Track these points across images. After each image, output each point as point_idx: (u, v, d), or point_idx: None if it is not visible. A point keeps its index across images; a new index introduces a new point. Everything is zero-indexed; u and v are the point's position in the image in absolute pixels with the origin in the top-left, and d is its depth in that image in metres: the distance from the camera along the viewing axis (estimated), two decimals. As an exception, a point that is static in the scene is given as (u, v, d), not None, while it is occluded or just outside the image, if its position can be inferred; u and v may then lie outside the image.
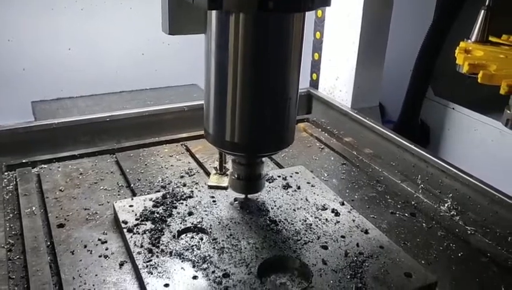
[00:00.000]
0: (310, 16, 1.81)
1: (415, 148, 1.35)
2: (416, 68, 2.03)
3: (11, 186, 1.20)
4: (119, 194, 1.19)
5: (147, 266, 0.89)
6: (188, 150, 1.43)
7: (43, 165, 1.29)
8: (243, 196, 1.09)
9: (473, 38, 1.29)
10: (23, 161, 1.29)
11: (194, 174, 1.29)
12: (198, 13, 0.91)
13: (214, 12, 0.87)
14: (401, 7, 1.78)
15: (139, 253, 0.92)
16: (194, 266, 0.89)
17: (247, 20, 0.85)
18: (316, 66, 1.86)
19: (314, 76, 1.88)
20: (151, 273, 0.87)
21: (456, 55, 1.21)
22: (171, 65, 2.46)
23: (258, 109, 0.92)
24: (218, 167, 1.19)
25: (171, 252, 0.93)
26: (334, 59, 1.76)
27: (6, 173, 1.26)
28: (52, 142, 1.37)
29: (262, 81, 0.90)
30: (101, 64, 2.34)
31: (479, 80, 1.11)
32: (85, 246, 0.97)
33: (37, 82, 2.22)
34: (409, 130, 2.01)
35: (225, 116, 0.92)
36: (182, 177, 1.27)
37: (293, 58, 0.91)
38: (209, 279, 0.86)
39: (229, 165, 1.10)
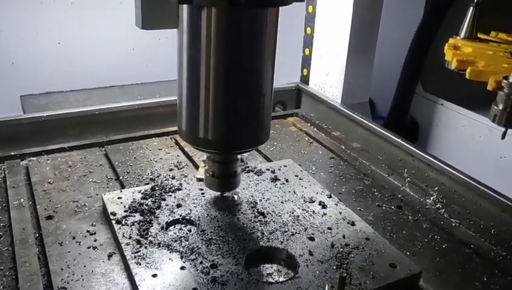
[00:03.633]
0: (300, 11, 1.82)
1: (402, 142, 1.37)
2: (406, 64, 2.04)
3: (-1, 179, 1.20)
4: (108, 187, 1.19)
5: (135, 257, 0.89)
6: (177, 143, 1.43)
7: (31, 158, 1.29)
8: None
9: (462, 35, 1.30)
10: (12, 153, 1.29)
11: (183, 167, 1.29)
12: (172, 8, 0.88)
13: (185, 7, 0.85)
14: (391, 3, 1.79)
15: (127, 244, 0.93)
16: (182, 257, 0.90)
17: (219, 14, 0.82)
18: (306, 62, 1.87)
19: (305, 71, 1.88)
20: (140, 264, 0.88)
21: (445, 51, 1.22)
22: (162, 60, 2.44)
23: (231, 105, 0.90)
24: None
25: (159, 244, 0.93)
26: (324, 55, 1.77)
27: (-6, 166, 1.26)
28: (41, 135, 1.37)
29: (235, 77, 0.88)
30: (91, 59, 2.33)
31: (467, 76, 1.13)
32: (73, 238, 0.97)
33: (26, 76, 2.21)
34: (398, 126, 2.02)
35: (198, 113, 0.91)
36: (171, 170, 1.27)
37: (266, 54, 0.89)
38: (197, 269, 0.87)
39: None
